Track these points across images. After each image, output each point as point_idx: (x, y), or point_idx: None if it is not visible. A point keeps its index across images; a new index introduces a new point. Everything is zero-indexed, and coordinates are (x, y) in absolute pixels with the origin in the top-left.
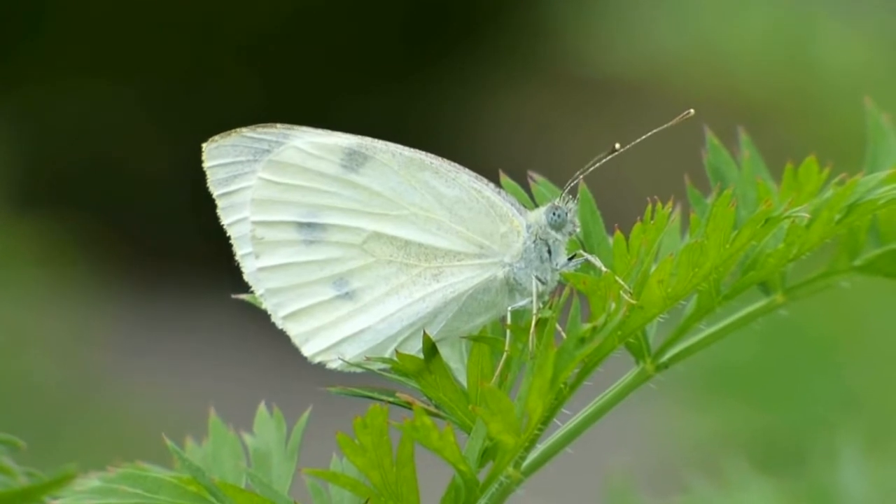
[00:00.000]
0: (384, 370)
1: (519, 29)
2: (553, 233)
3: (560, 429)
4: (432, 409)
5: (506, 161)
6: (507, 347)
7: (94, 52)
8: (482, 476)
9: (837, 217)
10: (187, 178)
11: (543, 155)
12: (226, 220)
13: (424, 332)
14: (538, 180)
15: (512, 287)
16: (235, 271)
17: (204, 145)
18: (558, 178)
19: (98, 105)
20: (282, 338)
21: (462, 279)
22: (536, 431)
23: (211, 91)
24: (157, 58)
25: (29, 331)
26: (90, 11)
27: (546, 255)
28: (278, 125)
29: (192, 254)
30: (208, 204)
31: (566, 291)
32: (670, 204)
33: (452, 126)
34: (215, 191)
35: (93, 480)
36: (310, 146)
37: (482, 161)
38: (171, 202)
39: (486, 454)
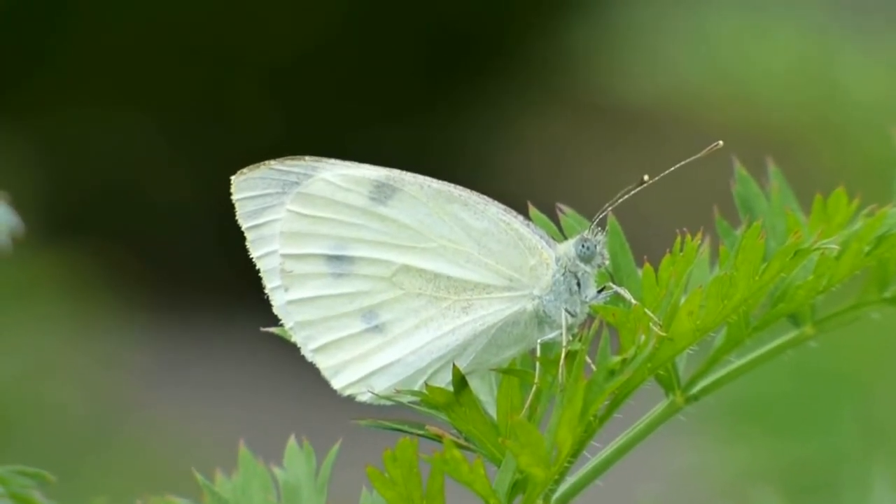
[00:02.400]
0: (414, 403)
1: (542, 59)
2: (582, 265)
3: (590, 461)
4: (462, 441)
5: (528, 190)
6: (536, 380)
7: (118, 81)
8: None
9: (867, 249)
10: (212, 207)
11: (566, 184)
12: (255, 252)
13: (454, 365)
14: (567, 212)
15: (541, 319)
16: (264, 303)
17: (232, 178)
18: (581, 208)
19: (121, 133)
20: (311, 370)
21: (491, 312)
22: (566, 464)
23: (233, 120)
24: (179, 87)
25: (54, 361)
26: (114, 41)
27: (575, 287)
28: (307, 157)
29: (218, 284)
30: (235, 233)
31: (595, 324)
32: (699, 236)
33: (475, 156)
34: (244, 223)
35: None
36: (338, 178)
37: (504, 190)
38: (196, 231)
39: (516, 487)
